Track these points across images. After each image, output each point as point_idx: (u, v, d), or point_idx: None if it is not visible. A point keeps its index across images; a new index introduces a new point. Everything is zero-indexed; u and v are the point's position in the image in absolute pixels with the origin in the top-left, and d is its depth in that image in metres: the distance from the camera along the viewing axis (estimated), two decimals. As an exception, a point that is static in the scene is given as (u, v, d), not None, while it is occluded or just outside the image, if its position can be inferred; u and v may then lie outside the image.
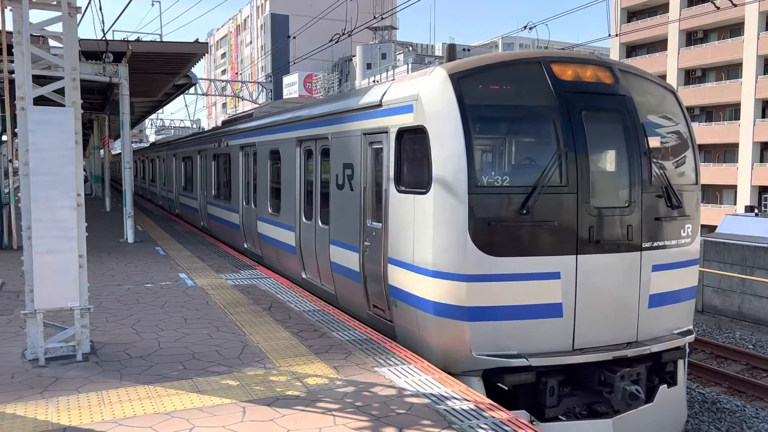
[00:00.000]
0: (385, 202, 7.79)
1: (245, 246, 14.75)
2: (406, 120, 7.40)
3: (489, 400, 5.86)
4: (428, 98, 7.06)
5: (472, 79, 6.97)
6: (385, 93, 8.06)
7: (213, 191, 17.91)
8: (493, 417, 5.44)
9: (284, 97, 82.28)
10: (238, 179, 15.04)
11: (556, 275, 6.75)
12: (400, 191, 7.52)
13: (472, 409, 5.59)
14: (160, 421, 5.33)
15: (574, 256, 6.84)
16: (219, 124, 37.20)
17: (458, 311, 6.70)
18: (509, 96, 7.04)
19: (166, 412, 5.52)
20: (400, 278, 7.53)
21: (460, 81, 6.90)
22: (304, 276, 10.95)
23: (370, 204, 8.37)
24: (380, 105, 8.05)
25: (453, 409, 5.61)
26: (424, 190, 6.99)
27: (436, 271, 6.84)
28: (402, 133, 7.55)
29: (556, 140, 6.90)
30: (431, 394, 5.96)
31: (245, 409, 5.59)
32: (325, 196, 9.87)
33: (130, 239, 16.97)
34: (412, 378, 6.39)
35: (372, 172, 8.38)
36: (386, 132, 7.82)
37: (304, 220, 10.83)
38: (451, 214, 6.69)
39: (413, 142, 7.39)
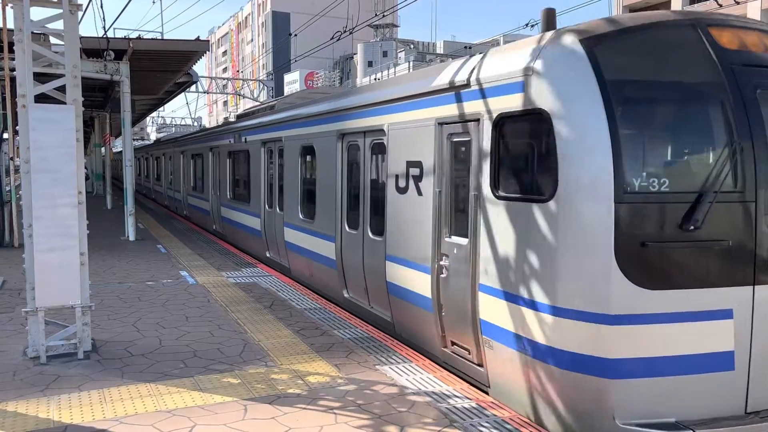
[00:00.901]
0: (475, 211, 6.11)
1: (267, 255, 13.18)
2: (511, 103, 5.61)
3: (491, 399, 5.85)
4: (550, 71, 5.29)
5: (613, 45, 5.23)
6: (475, 69, 6.20)
7: (228, 192, 16.27)
8: (495, 415, 5.43)
9: (285, 94, 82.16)
10: (259, 179, 13.46)
11: (727, 314, 5.05)
12: (499, 198, 5.75)
13: (474, 408, 5.58)
14: (161, 419, 5.33)
15: (751, 287, 5.12)
16: (223, 120, 32.82)
17: (597, 365, 4.98)
18: (662, 69, 5.24)
19: (168, 410, 5.52)
20: (499, 313, 5.76)
21: (595, 48, 5.15)
22: (346, 295, 9.26)
23: (449, 213, 6.62)
24: (467, 85, 6.22)
25: (455, 407, 5.60)
26: (544, 197, 5.25)
27: (564, 308, 5.10)
28: (503, 120, 5.76)
29: (726, 129, 5.19)
30: (433, 392, 5.96)
31: (247, 407, 5.59)
32: (378, 202, 8.19)
33: (132, 237, 16.98)
34: (413, 376, 6.38)
35: (451, 173, 6.61)
36: (477, 120, 6.05)
37: (347, 229, 9.10)
38: (588, 229, 5.01)
39: (523, 133, 5.78)
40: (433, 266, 6.77)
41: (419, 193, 7.05)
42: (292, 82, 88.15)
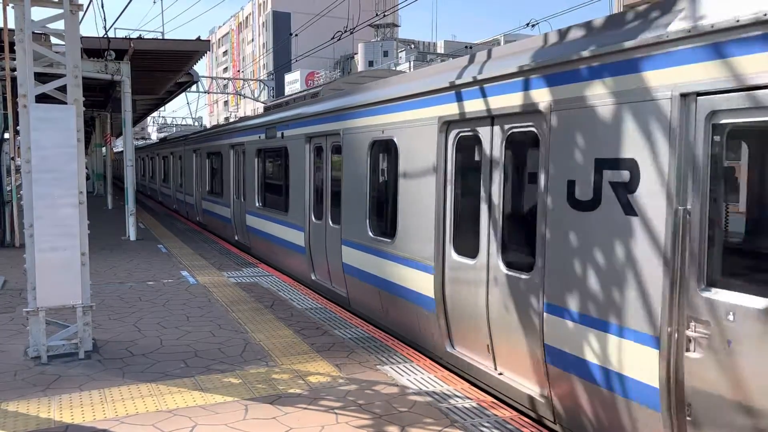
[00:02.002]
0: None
1: (313, 277, 10.81)
2: None
3: (491, 399, 5.85)
4: None
5: None
6: None
7: (257, 199, 13.93)
8: (496, 415, 5.43)
9: (286, 94, 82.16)
10: (303, 183, 11.13)
11: None
12: None
13: (475, 407, 5.58)
14: (162, 419, 5.33)
15: None
16: (224, 120, 31.49)
17: None
18: None
19: (169, 410, 5.52)
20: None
21: None
22: (448, 350, 6.83)
23: (697, 251, 4.06)
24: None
25: (455, 407, 5.60)
26: None
27: None
28: None
29: None
30: (434, 392, 5.96)
31: (248, 407, 5.59)
32: (523, 221, 5.79)
33: (132, 237, 16.99)
34: (414, 376, 6.38)
35: (708, 176, 4.03)
36: None
37: (455, 256, 6.61)
38: None
39: None
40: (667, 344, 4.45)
41: (627, 209, 4.62)
42: (293, 82, 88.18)
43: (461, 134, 6.53)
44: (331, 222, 10.06)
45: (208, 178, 19.12)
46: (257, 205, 13.82)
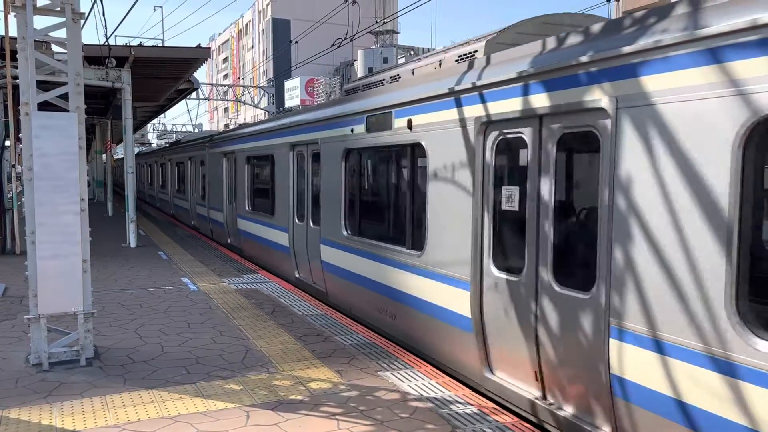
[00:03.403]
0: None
1: (454, 353, 7.28)
2: None
3: (492, 404, 5.85)
4: None
5: None
6: None
7: (351, 220, 9.46)
8: (497, 421, 5.43)
9: (286, 103, 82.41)
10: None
11: None
12: None
13: (476, 413, 5.59)
14: (164, 426, 5.33)
15: None
16: (224, 127, 28.50)
17: None
18: None
19: (170, 417, 5.52)
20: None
21: None
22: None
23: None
24: None
25: (457, 412, 5.60)
26: None
27: None
28: None
29: None
30: (435, 398, 5.96)
31: (249, 413, 5.60)
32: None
33: (133, 244, 17.01)
34: (415, 382, 6.38)
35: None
36: None
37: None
38: None
39: None
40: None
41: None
42: (293, 89, 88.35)
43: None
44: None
45: (250, 191, 14.77)
46: (351, 230, 9.50)
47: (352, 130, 9.16)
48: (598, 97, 4.81)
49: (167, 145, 34.07)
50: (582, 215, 5.33)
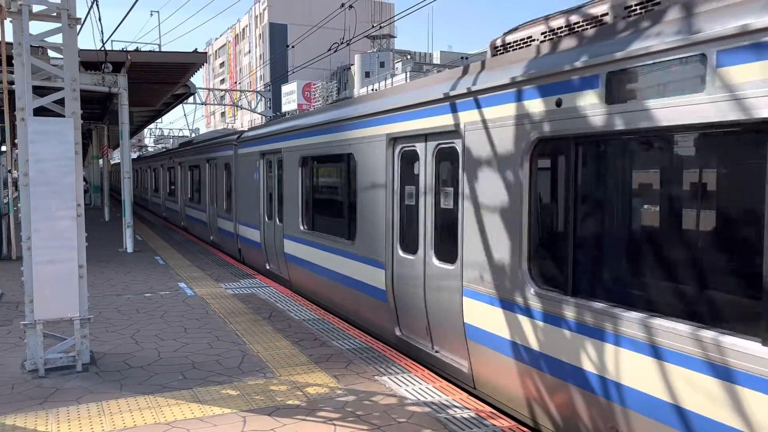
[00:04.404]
0: None
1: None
2: None
3: (490, 408, 5.85)
4: None
5: None
6: None
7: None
8: (494, 425, 5.43)
9: (283, 107, 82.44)
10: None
11: None
12: None
13: (473, 417, 5.58)
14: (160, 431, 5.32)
15: None
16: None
17: None
18: None
19: (167, 423, 5.51)
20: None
21: None
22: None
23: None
24: None
25: (454, 417, 5.60)
26: None
27: None
28: None
29: None
30: (432, 402, 5.95)
31: (246, 418, 5.58)
32: None
33: (130, 249, 16.98)
34: (412, 386, 6.38)
35: None
36: None
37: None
38: None
39: None
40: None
41: None
42: (290, 93, 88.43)
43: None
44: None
45: (305, 201, 11.24)
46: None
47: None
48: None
49: (163, 148, 33.03)
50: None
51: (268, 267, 13.69)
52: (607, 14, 5.22)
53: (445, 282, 6.90)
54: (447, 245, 6.95)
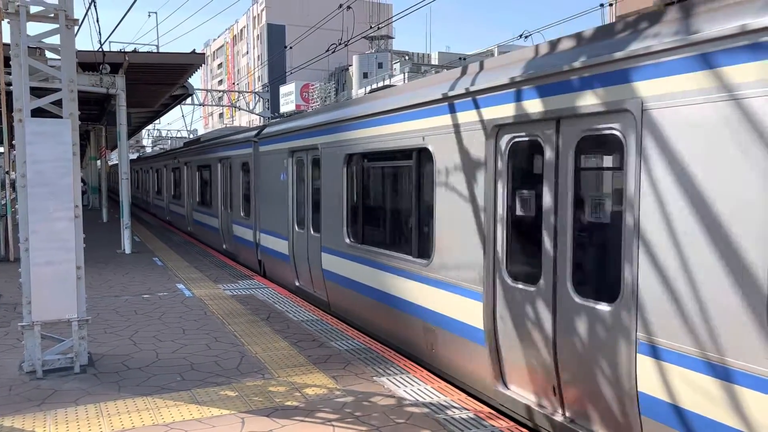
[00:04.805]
0: None
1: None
2: None
3: (489, 409, 5.84)
4: None
5: None
6: None
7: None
8: (493, 425, 5.42)
9: (281, 108, 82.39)
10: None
11: None
12: None
13: (472, 418, 5.58)
14: (158, 433, 5.31)
15: None
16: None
17: None
18: None
19: (165, 424, 5.50)
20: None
21: None
22: None
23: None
24: None
25: (453, 418, 5.59)
26: None
27: None
28: None
29: None
30: (431, 403, 5.95)
31: (244, 420, 5.57)
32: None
33: (128, 250, 16.96)
34: (411, 387, 6.37)
35: None
36: None
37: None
38: None
39: None
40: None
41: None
42: (288, 94, 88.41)
43: None
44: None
45: (354, 210, 9.34)
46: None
47: None
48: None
49: (161, 149, 32.28)
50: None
51: (297, 284, 11.44)
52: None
53: (600, 327, 4.85)
54: (597, 273, 5.22)
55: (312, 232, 10.72)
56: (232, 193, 15.87)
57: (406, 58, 78.60)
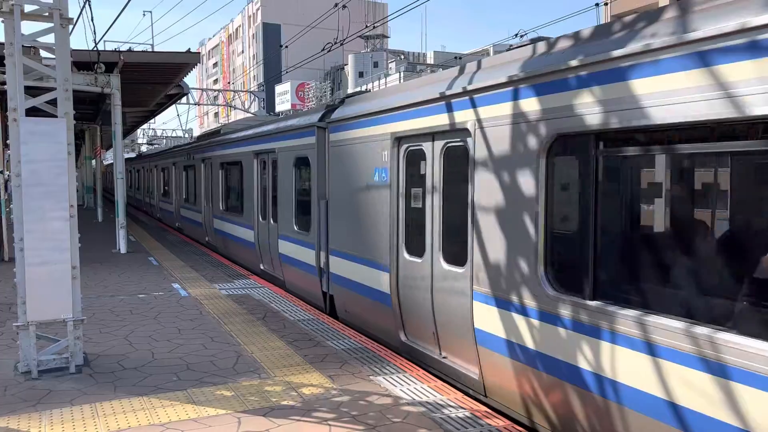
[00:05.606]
0: None
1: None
2: None
3: (485, 408, 5.85)
4: None
5: None
6: None
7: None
8: (489, 424, 5.43)
9: (277, 107, 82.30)
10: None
11: None
12: None
13: (468, 417, 5.58)
14: (154, 433, 5.30)
15: None
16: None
17: None
18: None
19: (161, 424, 5.49)
20: None
21: None
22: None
23: None
24: None
25: (449, 417, 5.60)
26: None
27: None
28: None
29: None
30: (427, 402, 5.95)
31: (240, 419, 5.57)
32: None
33: (123, 250, 16.92)
34: (407, 386, 6.37)
35: None
36: None
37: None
38: None
39: None
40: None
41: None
42: (283, 93, 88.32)
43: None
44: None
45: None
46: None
47: None
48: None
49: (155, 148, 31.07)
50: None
51: (404, 339, 7.75)
52: None
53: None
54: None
55: (444, 264, 6.87)
56: (278, 197, 12.11)
57: (402, 57, 78.63)
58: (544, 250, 5.45)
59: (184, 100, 32.46)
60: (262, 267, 13.23)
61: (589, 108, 4.91)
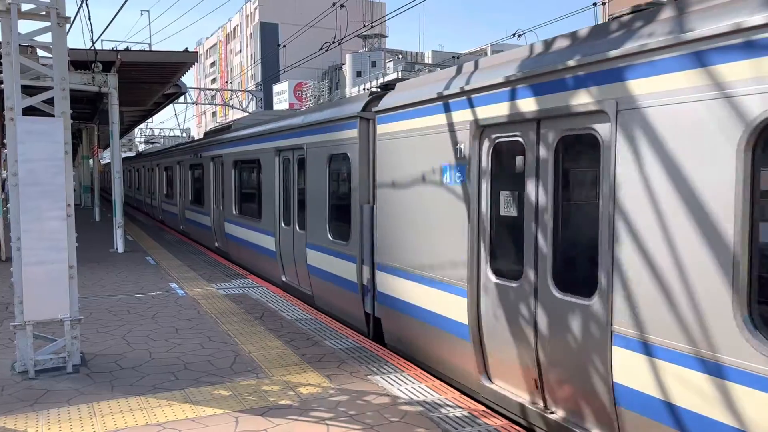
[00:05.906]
0: None
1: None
2: None
3: (482, 407, 5.85)
4: None
5: None
6: None
7: None
8: (487, 424, 5.43)
9: (274, 107, 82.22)
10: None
11: None
12: None
13: (466, 416, 5.59)
14: (152, 433, 5.29)
15: None
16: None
17: None
18: None
19: (159, 424, 5.48)
20: None
21: None
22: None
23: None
24: None
25: (447, 416, 5.60)
26: None
27: None
28: None
29: None
30: (425, 401, 5.95)
31: (238, 419, 5.56)
32: None
33: (120, 249, 16.90)
34: (405, 386, 6.37)
35: None
36: None
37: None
38: None
39: None
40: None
41: None
42: (281, 93, 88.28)
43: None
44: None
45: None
46: None
47: None
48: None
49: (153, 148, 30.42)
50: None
51: (486, 383, 6.26)
52: None
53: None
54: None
55: (556, 292, 5.31)
56: (306, 201, 10.56)
57: (400, 56, 78.62)
58: (748, 283, 3.78)
59: (181, 99, 32.39)
60: (284, 279, 11.74)
61: None
